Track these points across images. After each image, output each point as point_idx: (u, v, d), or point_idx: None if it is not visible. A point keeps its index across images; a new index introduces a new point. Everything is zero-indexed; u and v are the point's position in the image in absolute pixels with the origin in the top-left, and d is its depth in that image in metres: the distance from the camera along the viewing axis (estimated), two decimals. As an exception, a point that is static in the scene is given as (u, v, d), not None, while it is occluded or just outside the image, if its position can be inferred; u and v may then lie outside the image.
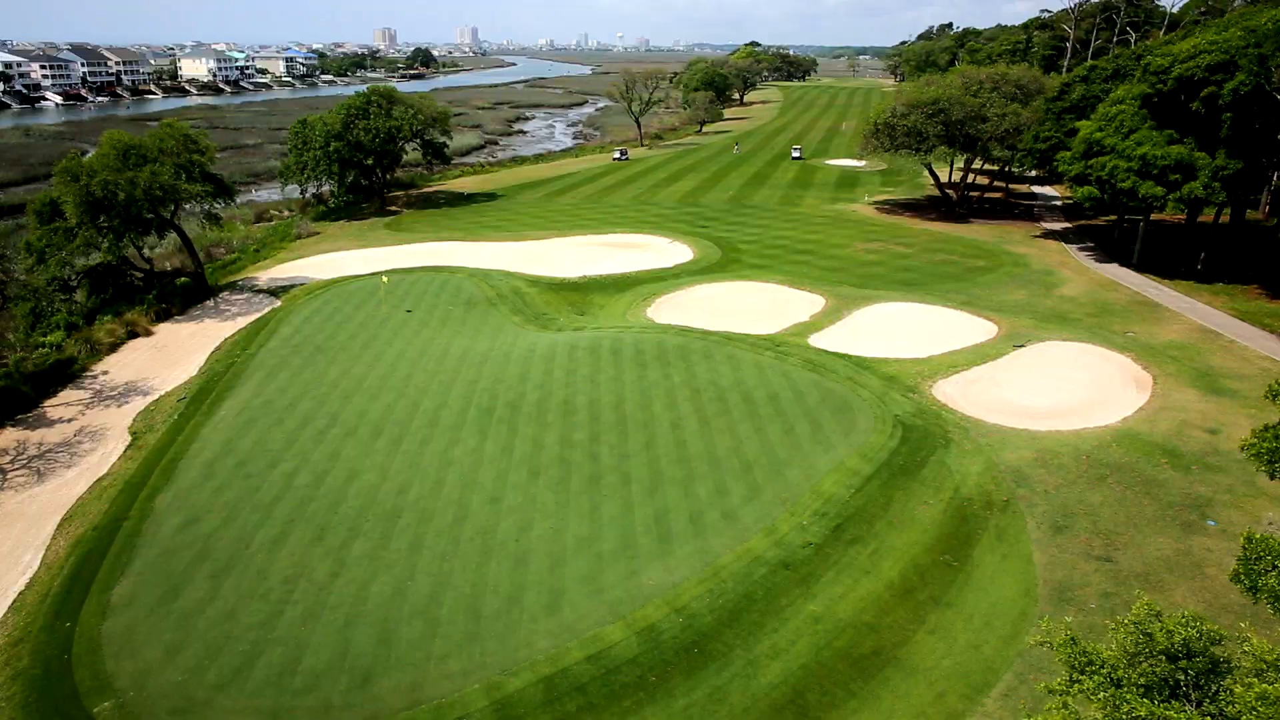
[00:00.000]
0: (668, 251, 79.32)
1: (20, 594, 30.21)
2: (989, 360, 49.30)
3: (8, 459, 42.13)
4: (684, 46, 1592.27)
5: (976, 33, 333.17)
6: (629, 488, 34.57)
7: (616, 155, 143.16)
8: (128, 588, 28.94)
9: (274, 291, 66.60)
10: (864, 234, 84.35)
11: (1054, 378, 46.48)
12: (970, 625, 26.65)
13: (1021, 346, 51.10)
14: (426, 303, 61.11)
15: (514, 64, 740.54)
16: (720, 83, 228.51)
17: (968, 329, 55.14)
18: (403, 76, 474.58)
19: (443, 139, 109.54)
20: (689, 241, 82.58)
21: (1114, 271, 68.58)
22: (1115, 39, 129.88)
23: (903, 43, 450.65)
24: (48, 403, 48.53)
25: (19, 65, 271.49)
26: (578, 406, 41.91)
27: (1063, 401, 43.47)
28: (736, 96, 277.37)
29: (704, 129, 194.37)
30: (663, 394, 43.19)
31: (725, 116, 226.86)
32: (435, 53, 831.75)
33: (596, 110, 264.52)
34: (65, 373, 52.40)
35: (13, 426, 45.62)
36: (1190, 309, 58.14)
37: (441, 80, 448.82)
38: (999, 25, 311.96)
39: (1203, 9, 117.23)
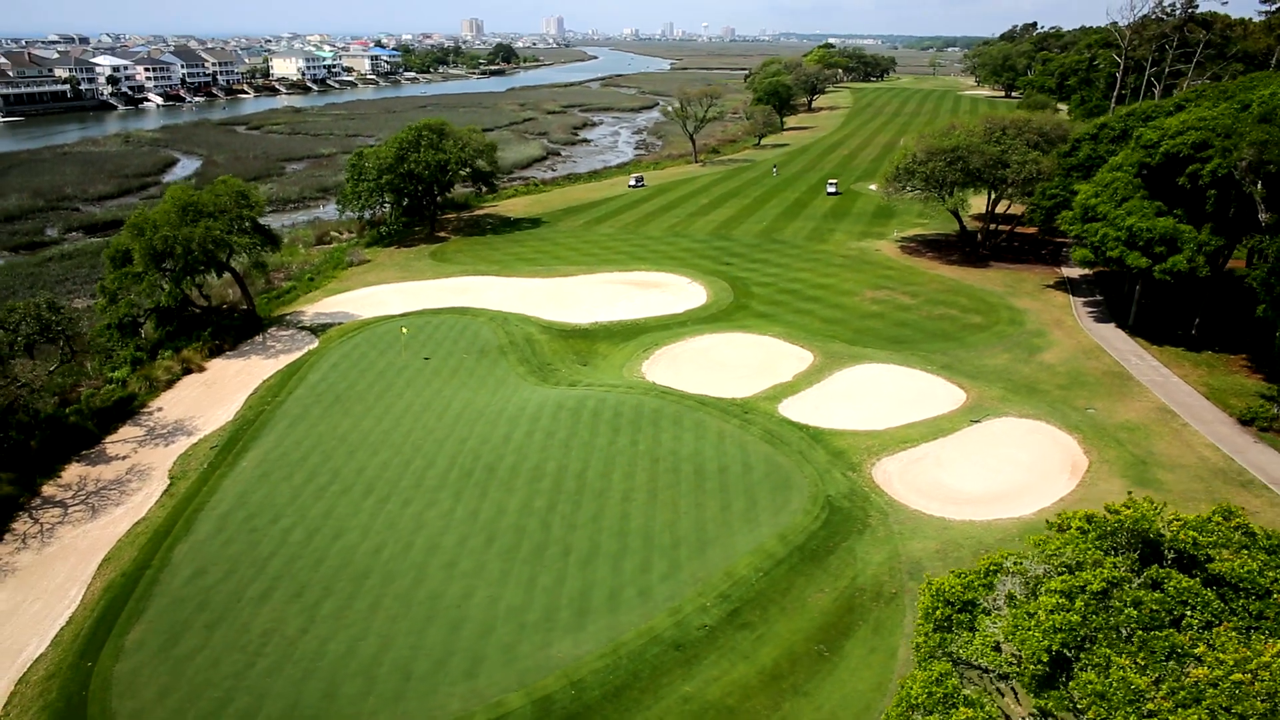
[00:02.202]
0: (684, 293, 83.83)
1: (60, 630, 37.19)
2: (942, 435, 52.66)
3: (70, 494, 49.79)
4: (770, 36, 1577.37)
5: (1058, 35, 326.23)
6: (567, 559, 39.77)
7: (632, 182, 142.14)
8: (139, 633, 35.60)
9: (315, 330, 73.77)
10: (876, 279, 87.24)
11: (996, 459, 49.69)
12: (817, 715, 31.04)
13: (978, 422, 54.22)
14: (444, 349, 67.25)
15: (595, 57, 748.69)
16: (784, 93, 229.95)
17: (936, 397, 58.32)
18: (483, 73, 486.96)
19: (490, 168, 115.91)
20: (707, 282, 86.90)
21: (1105, 334, 70.31)
22: (1169, 69, 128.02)
23: (985, 42, 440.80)
24: (108, 439, 56.23)
25: (125, 69, 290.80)
26: (545, 473, 47.23)
27: (994, 486, 46.79)
28: (805, 101, 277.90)
29: (762, 142, 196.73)
30: (625, 463, 48.17)
31: (788, 126, 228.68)
32: (520, 43, 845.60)
33: (665, 116, 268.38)
34: (126, 409, 60.19)
35: (78, 462, 53.36)
36: (1161, 383, 60.01)
37: (519, 78, 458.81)
38: (1082, 27, 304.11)
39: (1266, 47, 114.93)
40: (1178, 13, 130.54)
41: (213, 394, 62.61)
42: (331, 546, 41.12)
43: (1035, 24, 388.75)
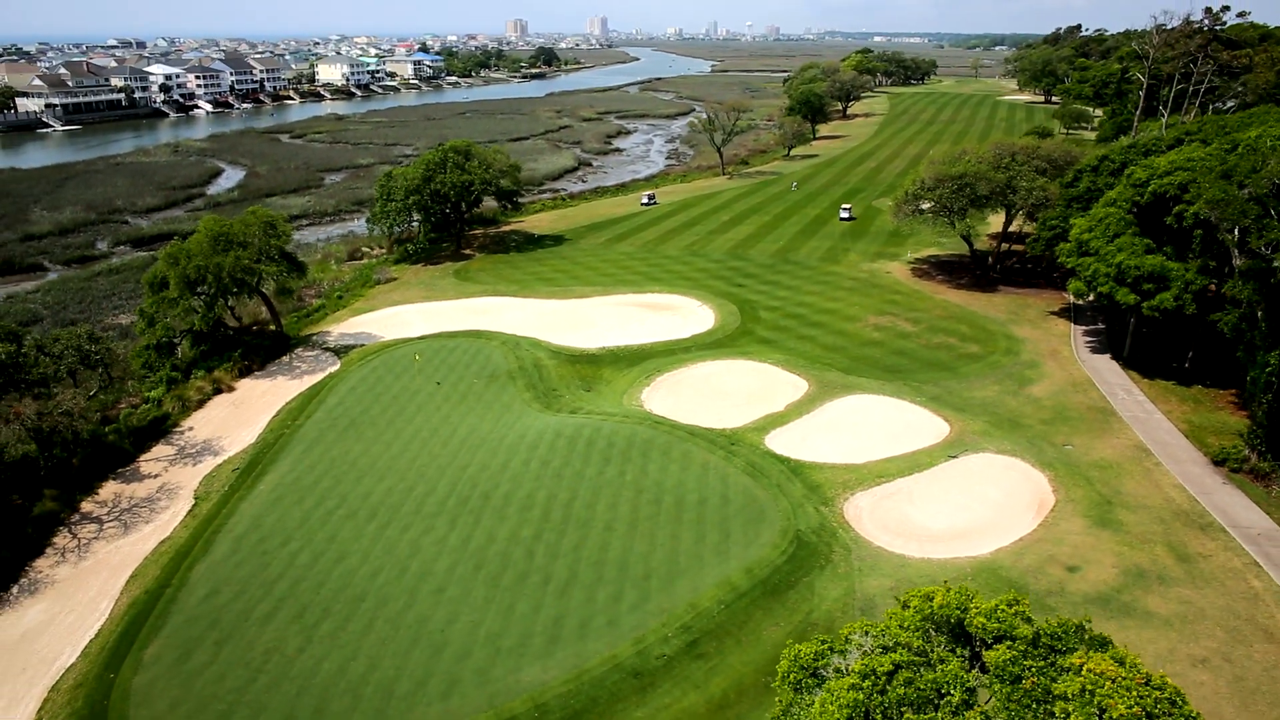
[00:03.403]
0: (693, 317, 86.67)
1: (90, 642, 41.44)
2: (918, 470, 54.91)
3: (105, 510, 54.37)
4: (815, 35, 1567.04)
5: (1099, 40, 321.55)
6: (546, 588, 43.04)
7: (644, 200, 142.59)
8: (156, 648, 39.65)
9: (338, 351, 78.10)
10: (882, 304, 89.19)
11: (966, 496, 51.85)
12: (755, 744, 33.89)
13: (955, 457, 56.37)
14: (455, 374, 70.98)
15: (637, 59, 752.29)
16: (816, 102, 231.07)
17: (920, 430, 60.48)
18: (524, 76, 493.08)
19: (513, 187, 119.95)
20: (717, 305, 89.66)
21: (1099, 365, 71.67)
22: (1194, 86, 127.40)
23: (1029, 45, 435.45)
24: (142, 457, 60.87)
25: (177, 77, 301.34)
26: (536, 502, 50.56)
27: (958, 523, 49.04)
28: (840, 107, 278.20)
29: (791, 153, 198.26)
30: (610, 494, 51.31)
31: (820, 135, 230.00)
32: (564, 44, 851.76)
33: (693, 128, 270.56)
34: (160, 428, 64.90)
35: (113, 479, 58.00)
36: (1144, 419, 61.46)
37: (559, 81, 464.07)
38: (1125, 31, 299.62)
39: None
40: (1204, 27, 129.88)
41: (239, 414, 67.03)
42: (334, 570, 44.88)
43: (1079, 27, 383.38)
